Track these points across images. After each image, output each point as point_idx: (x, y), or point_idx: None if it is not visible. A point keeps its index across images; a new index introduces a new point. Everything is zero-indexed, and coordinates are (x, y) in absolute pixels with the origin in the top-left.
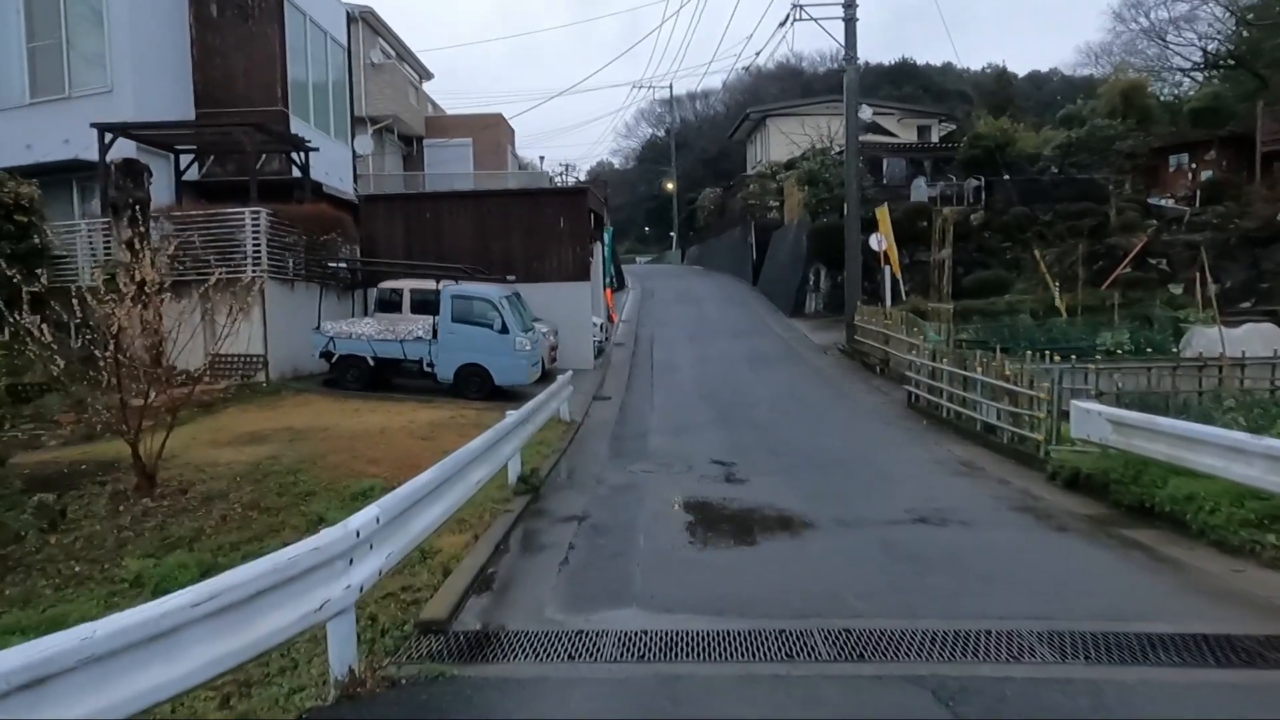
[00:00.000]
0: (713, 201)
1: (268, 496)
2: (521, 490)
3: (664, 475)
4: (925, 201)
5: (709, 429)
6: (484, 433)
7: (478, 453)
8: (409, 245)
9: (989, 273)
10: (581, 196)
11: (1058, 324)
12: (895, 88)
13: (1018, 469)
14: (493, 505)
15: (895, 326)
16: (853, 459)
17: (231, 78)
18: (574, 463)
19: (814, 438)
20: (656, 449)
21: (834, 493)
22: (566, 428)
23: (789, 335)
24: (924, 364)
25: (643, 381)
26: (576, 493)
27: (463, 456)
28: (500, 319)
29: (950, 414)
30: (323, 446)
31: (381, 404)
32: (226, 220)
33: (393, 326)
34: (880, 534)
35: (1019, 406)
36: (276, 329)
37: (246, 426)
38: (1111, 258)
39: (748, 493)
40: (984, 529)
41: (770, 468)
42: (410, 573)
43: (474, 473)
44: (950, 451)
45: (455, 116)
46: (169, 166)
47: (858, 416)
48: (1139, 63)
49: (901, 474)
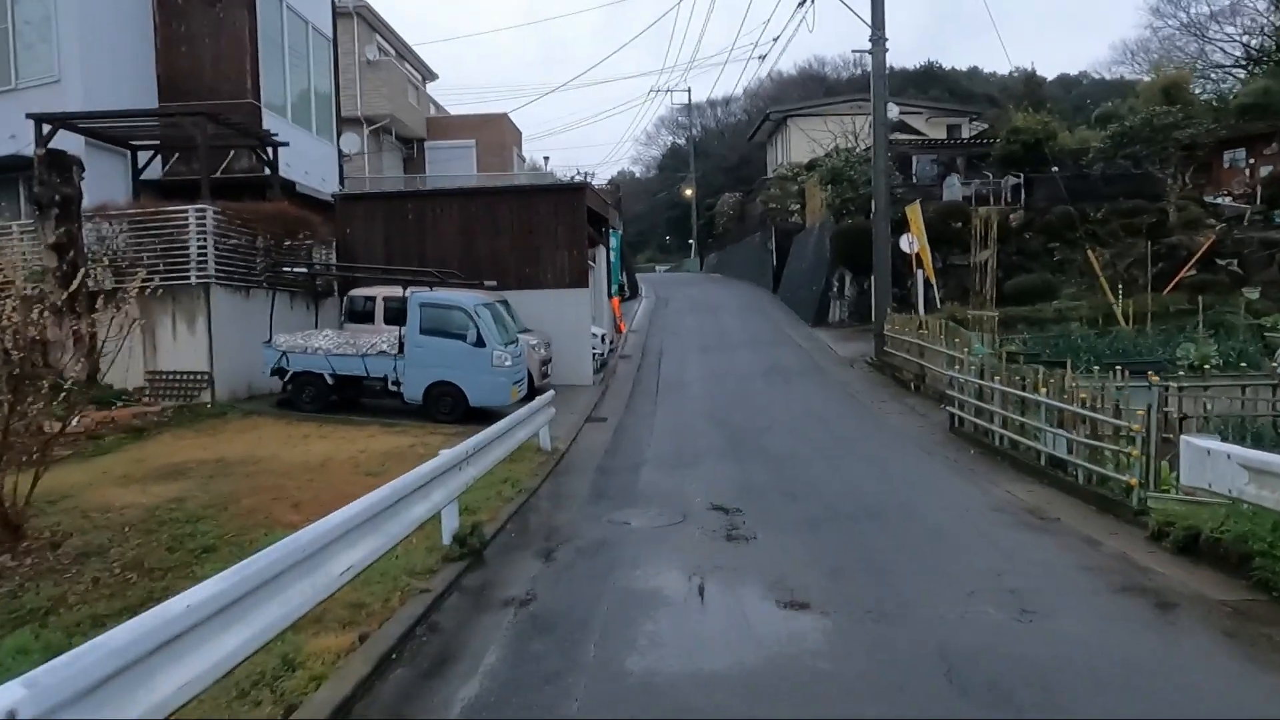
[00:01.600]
0: (731, 207)
1: (156, 553)
2: (455, 555)
3: (648, 530)
4: (959, 201)
5: (715, 461)
6: (379, 489)
7: (361, 518)
8: (389, 249)
9: (1032, 277)
10: (578, 194)
11: (1123, 334)
12: (921, 91)
13: (1102, 520)
14: (408, 580)
15: (932, 336)
16: (889, 505)
17: (198, 68)
18: (541, 508)
19: (840, 473)
20: (648, 488)
21: (867, 561)
22: (545, 459)
23: (811, 346)
24: (969, 381)
25: (645, 400)
26: (529, 557)
27: (327, 529)
28: (475, 330)
29: (1004, 442)
30: (245, 485)
31: (337, 429)
32: (168, 219)
33: (353, 339)
34: (937, 641)
35: (1099, 438)
36: (225, 342)
37: (172, 457)
38: (1173, 259)
39: (753, 559)
40: (1086, 630)
41: (785, 518)
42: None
43: (343, 555)
44: (1010, 493)
45: (458, 117)
46: (125, 164)
47: (892, 444)
48: (1178, 59)
49: (955, 529)
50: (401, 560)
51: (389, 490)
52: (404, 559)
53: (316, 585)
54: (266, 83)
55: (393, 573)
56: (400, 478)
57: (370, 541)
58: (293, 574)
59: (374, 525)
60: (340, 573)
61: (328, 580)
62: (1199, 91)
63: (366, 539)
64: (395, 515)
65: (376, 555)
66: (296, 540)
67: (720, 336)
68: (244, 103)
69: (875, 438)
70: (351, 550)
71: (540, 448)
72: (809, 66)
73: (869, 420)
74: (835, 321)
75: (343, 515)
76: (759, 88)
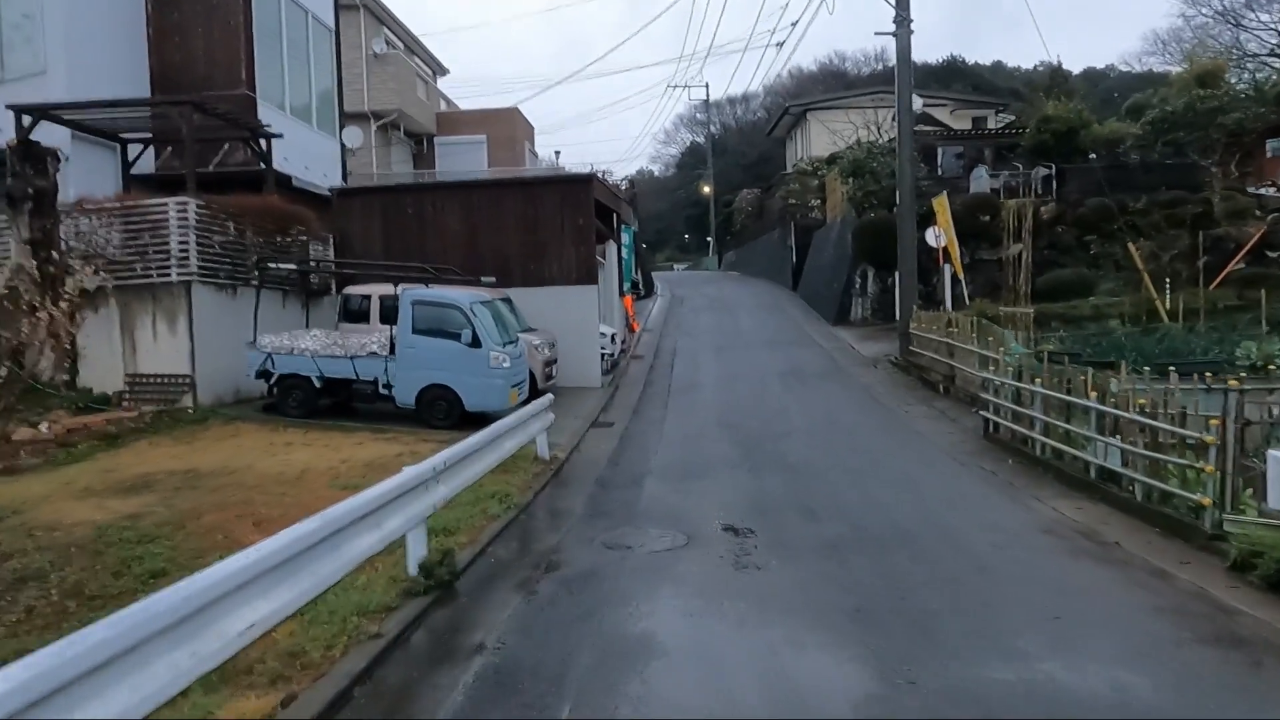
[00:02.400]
0: (750, 203)
1: (99, 578)
2: (419, 589)
3: (646, 555)
4: (987, 193)
5: (726, 472)
6: (306, 520)
7: (276, 559)
8: (388, 244)
9: (1067, 272)
10: (585, 186)
11: (1173, 331)
12: (944, 86)
13: (1169, 546)
14: (357, 621)
15: (963, 335)
16: (921, 526)
17: (191, 60)
18: (530, 528)
19: (865, 486)
20: (651, 505)
21: (898, 600)
22: (542, 469)
23: (831, 346)
24: (1006, 383)
25: (655, 404)
26: (507, 590)
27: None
28: (471, 330)
29: (1046, 451)
30: (211, 499)
31: (323, 436)
32: (148, 213)
33: (342, 340)
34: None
35: (1161, 448)
36: (208, 344)
37: (143, 466)
38: (1220, 251)
39: (764, 595)
40: (1180, 703)
41: (802, 542)
42: None
43: (245, 610)
44: (1058, 511)
45: (468, 112)
46: (115, 157)
47: (921, 452)
48: (1212, 48)
49: (999, 557)
50: (356, 595)
51: (319, 522)
52: (359, 593)
53: (199, 655)
54: (263, 74)
55: (343, 611)
56: (339, 504)
57: (291, 588)
58: (156, 645)
59: (297, 567)
60: (240, 631)
61: (219, 644)
62: (1234, 81)
63: (285, 585)
64: (332, 551)
65: (299, 604)
66: (167, 598)
67: (736, 336)
68: (240, 95)
69: (902, 446)
70: (262, 602)
71: (538, 456)
72: (829, 62)
73: (895, 426)
74: (857, 320)
75: (248, 558)
76: (778, 84)
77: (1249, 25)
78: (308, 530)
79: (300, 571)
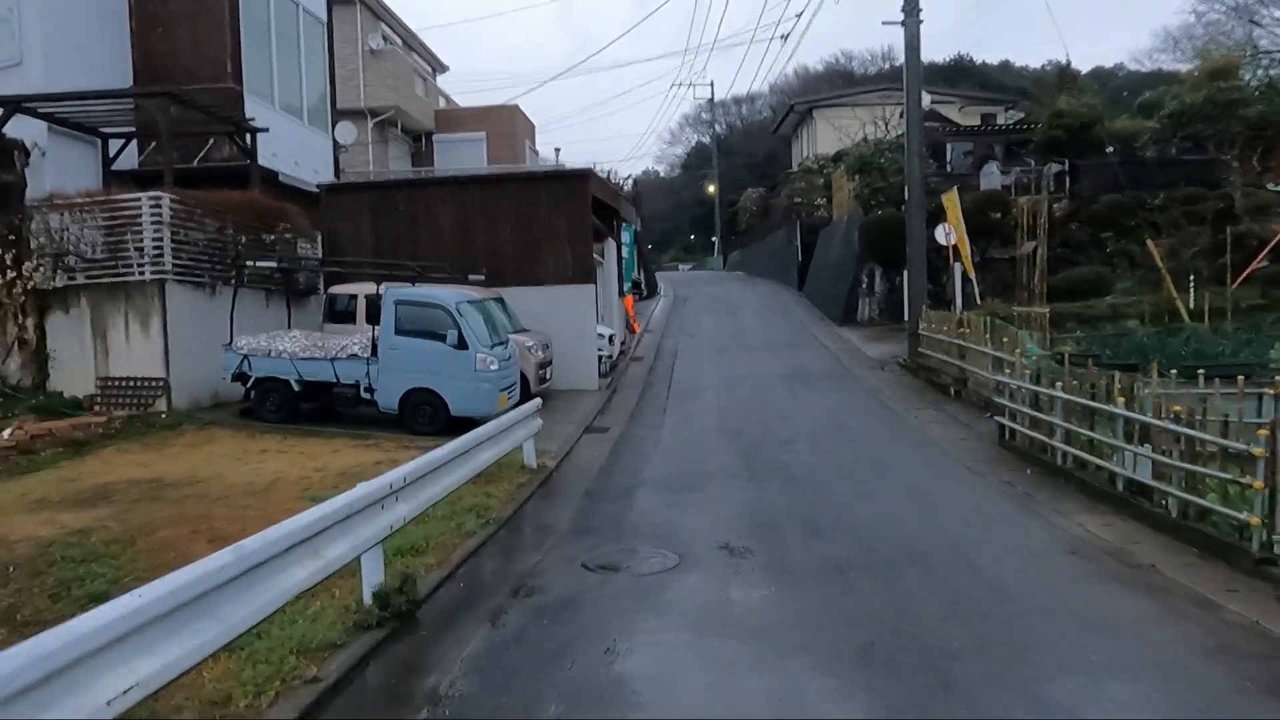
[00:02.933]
0: (755, 202)
1: (36, 601)
2: (371, 621)
3: (632, 580)
4: (998, 190)
5: (725, 483)
6: (217, 553)
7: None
8: (378, 242)
9: (1082, 270)
10: (582, 182)
11: (1199, 332)
12: (951, 85)
13: (1212, 571)
14: (294, 663)
15: (975, 336)
16: (935, 545)
17: (176, 51)
18: (508, 546)
19: (873, 499)
20: (642, 520)
21: (912, 636)
22: (528, 479)
23: (838, 347)
24: (1023, 387)
25: (654, 408)
26: (473, 621)
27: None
28: (457, 331)
29: (1067, 460)
30: (169, 512)
31: (300, 442)
32: (120, 209)
33: (322, 341)
34: None
35: (1199, 459)
36: (183, 345)
37: (107, 475)
38: (1242, 249)
39: (761, 628)
40: None
41: (805, 563)
42: None
43: (121, 670)
44: (1083, 527)
45: (468, 109)
46: (95, 153)
47: (932, 461)
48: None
49: (1022, 583)
50: (302, 628)
51: (230, 556)
52: (307, 625)
53: None
54: (251, 68)
55: (284, 648)
56: (264, 531)
57: (188, 639)
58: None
59: (197, 613)
60: (112, 699)
61: None
62: (1248, 78)
63: (179, 637)
64: (246, 591)
65: (201, 656)
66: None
67: (739, 337)
68: (226, 88)
69: (912, 454)
70: (143, 660)
71: (524, 464)
72: (835, 62)
73: (904, 432)
74: (864, 320)
75: (125, 606)
76: (784, 83)
77: (1262, 21)
78: (212, 568)
79: (203, 618)
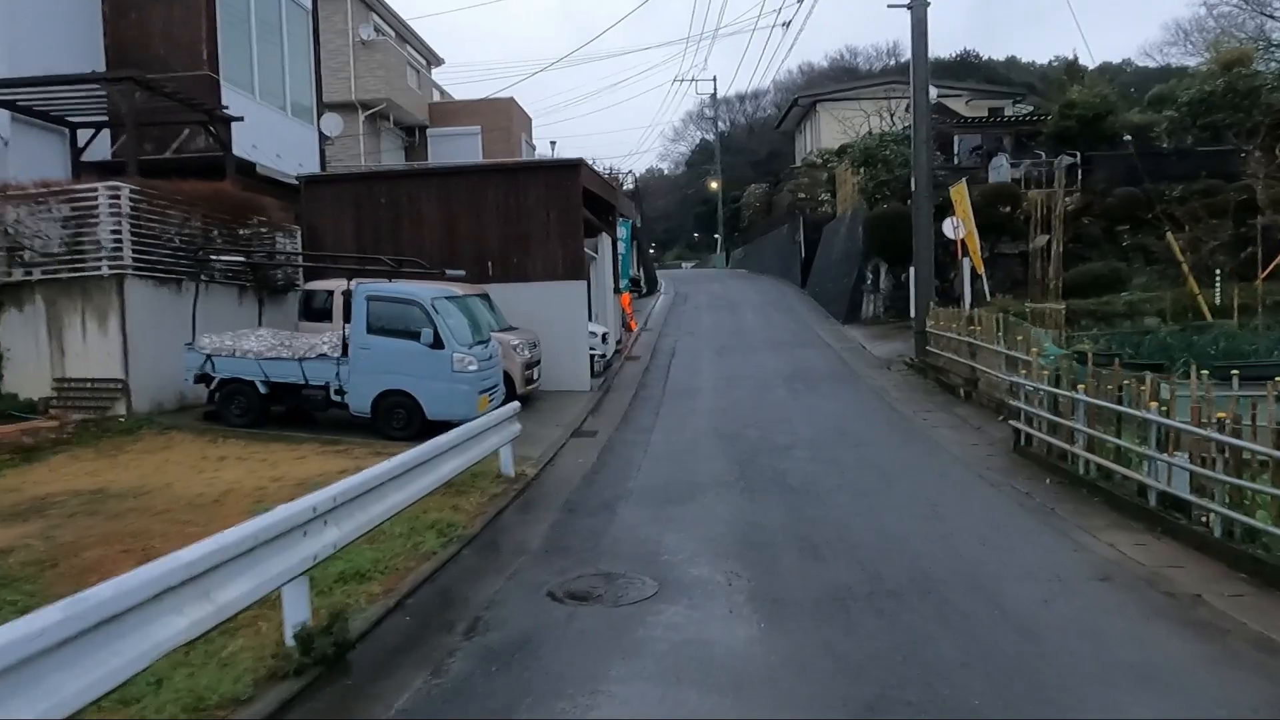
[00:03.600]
0: (758, 199)
1: None
2: (289, 668)
3: (601, 613)
4: (1008, 183)
5: (717, 495)
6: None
7: None
8: (360, 237)
9: (1097, 265)
10: (573, 173)
11: (1226, 330)
12: (957, 81)
13: (1266, 600)
14: None
15: (986, 334)
16: (949, 571)
17: (148, 38)
18: (468, 569)
19: (878, 514)
20: (622, 537)
21: (926, 689)
22: (504, 489)
23: (841, 346)
24: (1041, 389)
25: (646, 410)
26: (412, 666)
27: None
28: (433, 329)
29: (1090, 469)
30: (104, 528)
31: (263, 448)
32: (76, 200)
33: (290, 341)
34: None
35: (1242, 473)
36: (144, 345)
37: (49, 485)
38: (1266, 242)
39: (748, 679)
40: None
41: (801, 594)
42: None
43: None
44: (1115, 548)
45: (462, 102)
46: (64, 143)
47: (943, 469)
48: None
49: (1051, 617)
50: (210, 675)
51: (59, 614)
52: (213, 672)
53: None
54: (229, 55)
55: (181, 702)
56: (126, 575)
57: None
58: None
59: (13, 685)
60: None
61: None
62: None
63: None
64: (95, 652)
65: None
66: None
67: (740, 336)
68: (201, 75)
69: (921, 461)
70: None
71: (500, 473)
72: (840, 57)
73: (912, 437)
74: (869, 317)
75: None
76: (788, 80)
77: (1274, 14)
78: (34, 630)
79: (13, 698)
